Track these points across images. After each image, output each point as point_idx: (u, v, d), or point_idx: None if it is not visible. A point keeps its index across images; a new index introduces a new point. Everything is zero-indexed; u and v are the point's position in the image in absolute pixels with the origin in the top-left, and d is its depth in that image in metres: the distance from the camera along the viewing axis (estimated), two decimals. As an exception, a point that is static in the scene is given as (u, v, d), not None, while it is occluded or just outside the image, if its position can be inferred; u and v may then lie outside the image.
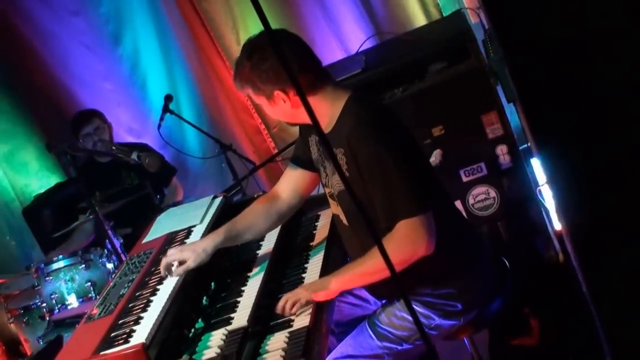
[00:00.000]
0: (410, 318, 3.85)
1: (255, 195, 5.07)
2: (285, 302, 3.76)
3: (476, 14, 6.30)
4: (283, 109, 3.85)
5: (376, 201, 3.67)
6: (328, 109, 3.84)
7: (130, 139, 7.78)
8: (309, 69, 3.82)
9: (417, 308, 3.90)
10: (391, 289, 3.87)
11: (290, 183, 4.27)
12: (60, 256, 5.97)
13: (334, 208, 4.08)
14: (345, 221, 4.02)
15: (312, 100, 3.77)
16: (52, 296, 5.84)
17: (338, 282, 3.77)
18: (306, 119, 3.68)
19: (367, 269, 3.71)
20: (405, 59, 5.80)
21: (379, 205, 3.65)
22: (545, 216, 5.67)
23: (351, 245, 4.08)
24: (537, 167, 5.72)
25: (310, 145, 4.10)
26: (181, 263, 3.97)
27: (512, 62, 2.13)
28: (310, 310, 3.70)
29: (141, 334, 3.43)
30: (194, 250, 4.02)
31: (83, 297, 5.85)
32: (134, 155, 4.98)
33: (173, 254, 4.01)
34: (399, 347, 3.91)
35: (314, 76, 3.83)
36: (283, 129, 8.12)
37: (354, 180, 3.73)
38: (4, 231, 7.68)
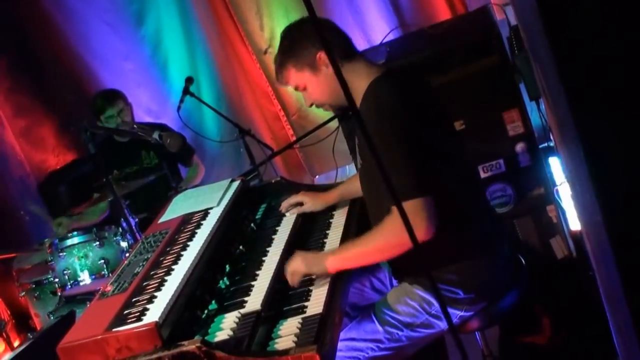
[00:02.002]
0: (413, 303, 3.89)
1: (273, 181, 5.09)
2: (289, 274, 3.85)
3: (502, 11, 6.28)
4: (326, 79, 3.89)
5: (381, 180, 3.68)
6: (358, 83, 3.86)
7: (148, 119, 7.79)
8: (347, 39, 3.94)
9: (419, 292, 3.91)
10: (406, 270, 3.90)
11: None
12: (75, 232, 5.99)
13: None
14: (365, 197, 4.18)
15: (351, 67, 3.88)
16: (65, 272, 5.87)
17: (334, 261, 3.79)
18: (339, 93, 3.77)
19: (366, 248, 3.72)
20: (429, 52, 5.78)
21: (384, 183, 3.65)
22: (561, 216, 5.66)
23: (370, 217, 4.16)
24: (555, 166, 5.71)
25: None
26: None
27: (556, 46, 2.11)
28: (324, 297, 3.70)
29: (154, 312, 3.43)
30: (312, 199, 4.64)
31: (96, 274, 5.87)
32: (156, 135, 4.98)
33: (295, 196, 4.65)
34: (400, 333, 3.91)
35: (347, 47, 3.92)
36: (302, 116, 8.14)
37: (368, 160, 3.86)
38: (18, 206, 7.70)
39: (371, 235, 3.72)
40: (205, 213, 4.48)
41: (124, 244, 5.93)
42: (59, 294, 5.98)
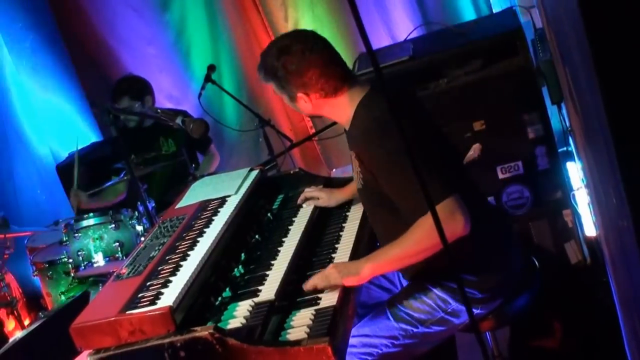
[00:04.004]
0: (429, 301, 3.90)
1: (292, 172, 5.09)
2: (316, 281, 3.77)
3: (527, 13, 6.25)
4: (303, 108, 4.01)
5: (401, 200, 3.71)
6: (346, 110, 3.94)
7: (169, 105, 7.78)
8: (334, 75, 3.90)
9: (435, 290, 3.92)
10: (418, 270, 3.88)
11: None
12: (91, 214, 5.99)
13: None
14: (368, 214, 4.23)
15: (333, 102, 3.93)
16: (79, 253, 5.86)
17: (371, 268, 3.75)
18: (334, 118, 4.06)
19: (403, 252, 3.71)
20: (453, 51, 5.78)
21: (408, 202, 3.66)
22: (576, 221, 5.65)
23: (377, 234, 4.21)
24: (572, 171, 5.70)
25: None
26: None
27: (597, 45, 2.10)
28: (338, 290, 3.69)
29: (169, 297, 3.43)
30: (327, 195, 4.68)
31: (110, 256, 5.86)
32: (178, 120, 4.98)
33: (313, 190, 4.72)
34: (415, 330, 3.91)
35: (338, 81, 3.91)
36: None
37: (367, 181, 3.88)
38: (35, 184, 7.71)
39: (408, 238, 3.68)
40: (222, 200, 4.48)
41: (139, 228, 5.92)
42: (72, 274, 5.98)
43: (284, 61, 3.87)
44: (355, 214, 4.52)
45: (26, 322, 6.42)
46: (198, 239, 4.02)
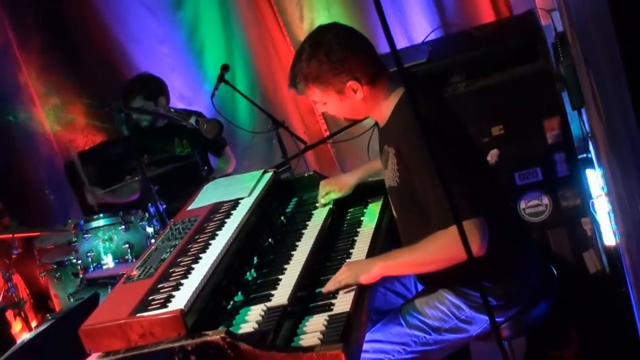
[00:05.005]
0: (442, 308, 3.93)
1: (306, 175, 5.10)
2: (331, 285, 3.80)
3: (548, 15, 6.25)
4: (352, 102, 3.91)
5: (429, 206, 3.72)
6: (383, 104, 3.94)
7: (181, 105, 7.79)
8: (373, 59, 3.91)
9: (449, 296, 3.95)
10: (433, 274, 3.89)
11: None
12: (101, 215, 6.01)
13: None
14: (395, 213, 4.16)
15: (371, 92, 3.89)
16: (89, 254, 5.88)
17: (382, 267, 3.79)
18: (370, 113, 3.97)
19: (416, 259, 3.75)
20: (471, 54, 5.78)
21: (433, 210, 3.68)
22: (595, 229, 5.64)
23: (401, 233, 4.17)
24: (592, 178, 5.69)
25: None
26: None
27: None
28: (351, 296, 3.71)
29: (180, 300, 3.45)
30: (339, 184, 4.67)
31: (119, 258, 5.88)
32: (192, 120, 4.99)
33: (322, 186, 4.67)
34: (427, 337, 3.94)
35: (378, 67, 3.91)
36: (337, 112, 8.13)
37: (404, 180, 3.85)
38: (44, 184, 7.73)
39: (423, 247, 3.74)
40: (235, 203, 4.50)
41: (150, 230, 5.94)
42: (81, 276, 6.00)
43: (325, 53, 3.83)
44: (370, 218, 4.54)
45: (33, 324, 6.45)
46: (210, 241, 4.04)
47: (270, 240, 4.40)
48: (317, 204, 4.70)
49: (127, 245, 5.87)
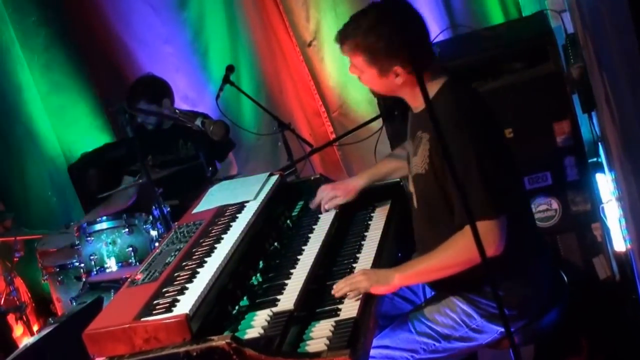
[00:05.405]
0: (453, 315, 3.92)
1: (312, 178, 5.10)
2: (343, 286, 3.80)
3: (558, 16, 6.25)
4: (389, 83, 3.88)
5: (454, 197, 3.70)
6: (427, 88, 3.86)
7: (185, 106, 7.78)
8: (429, 50, 3.93)
9: (460, 304, 3.94)
10: (444, 280, 3.89)
11: None
12: (104, 217, 6.01)
13: (410, 187, 4.14)
14: (415, 203, 4.10)
15: (413, 80, 3.83)
16: (92, 257, 5.89)
17: (401, 279, 3.80)
18: (404, 96, 3.93)
19: (433, 266, 3.76)
20: (480, 55, 5.76)
21: (458, 201, 3.67)
22: (606, 235, 5.63)
23: (417, 227, 4.15)
24: (602, 183, 5.68)
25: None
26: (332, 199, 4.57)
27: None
28: (358, 301, 3.72)
29: (185, 304, 3.45)
30: (344, 189, 4.58)
31: (122, 262, 5.89)
32: (198, 122, 4.98)
33: (326, 190, 4.58)
34: (436, 344, 3.94)
35: (426, 60, 3.90)
36: (343, 113, 8.12)
37: (433, 167, 3.81)
38: (46, 186, 7.75)
39: (442, 252, 3.75)
40: (241, 206, 4.50)
41: (153, 233, 5.94)
42: (84, 279, 6.01)
43: (389, 31, 3.77)
44: (377, 223, 4.54)
45: (35, 328, 6.47)
46: (215, 245, 4.04)
47: (276, 244, 4.40)
48: (320, 210, 4.65)
49: (130, 249, 5.87)
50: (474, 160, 3.64)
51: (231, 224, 4.28)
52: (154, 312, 3.45)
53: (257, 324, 3.56)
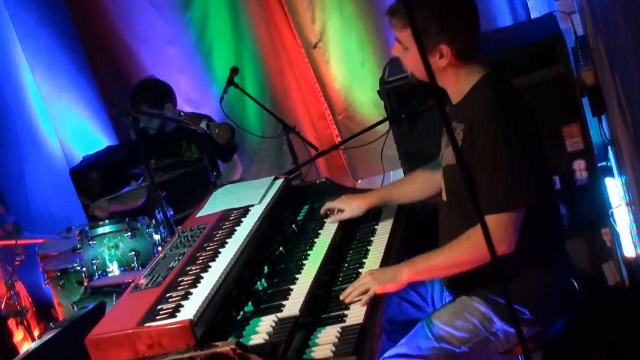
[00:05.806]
0: (472, 319, 3.89)
1: (317, 182, 5.10)
2: (352, 290, 3.80)
3: (568, 18, 6.25)
4: (433, 63, 3.80)
5: (481, 188, 3.68)
6: (463, 79, 3.88)
7: (188, 108, 7.78)
8: (478, 39, 3.91)
9: (480, 307, 3.92)
10: (462, 281, 3.90)
11: None
12: (106, 221, 6.01)
13: (442, 180, 4.13)
14: (444, 196, 4.10)
15: (456, 64, 3.83)
16: (94, 261, 5.89)
17: (411, 274, 3.80)
18: (445, 84, 3.88)
19: (446, 261, 3.76)
20: (488, 58, 5.70)
21: (483, 193, 3.66)
22: (615, 240, 5.63)
23: (444, 220, 4.13)
24: (611, 187, 5.68)
25: None
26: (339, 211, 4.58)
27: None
28: (365, 307, 3.71)
29: (189, 310, 3.46)
30: (350, 204, 4.57)
31: (125, 266, 5.89)
32: (203, 124, 4.97)
33: (335, 202, 4.60)
34: (457, 350, 3.89)
35: (473, 47, 3.89)
36: (349, 116, 8.13)
37: (467, 156, 3.78)
38: (47, 189, 7.75)
39: (454, 247, 3.76)
40: (245, 210, 4.50)
41: (156, 237, 5.94)
42: (85, 284, 6.01)
43: (440, 12, 3.74)
44: (384, 228, 4.53)
45: (35, 333, 6.47)
46: (220, 249, 4.04)
47: (281, 249, 4.39)
48: (321, 211, 4.69)
49: (133, 253, 5.87)
50: (498, 155, 3.65)
51: (236, 228, 4.28)
52: (158, 317, 3.46)
53: (262, 329, 3.56)
